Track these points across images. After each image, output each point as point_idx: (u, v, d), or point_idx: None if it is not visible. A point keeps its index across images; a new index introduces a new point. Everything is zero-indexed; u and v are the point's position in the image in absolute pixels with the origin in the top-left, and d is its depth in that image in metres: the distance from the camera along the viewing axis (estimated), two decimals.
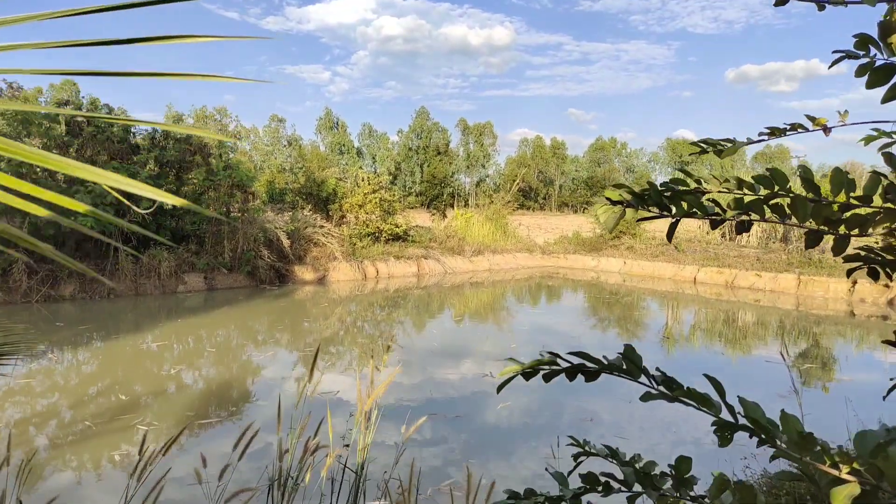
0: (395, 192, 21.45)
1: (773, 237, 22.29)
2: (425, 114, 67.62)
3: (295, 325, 12.31)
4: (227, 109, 21.51)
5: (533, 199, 68.44)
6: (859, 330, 12.97)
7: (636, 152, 78.15)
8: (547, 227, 36.16)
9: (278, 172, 22.22)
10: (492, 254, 21.99)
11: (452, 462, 5.69)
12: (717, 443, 1.20)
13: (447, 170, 61.74)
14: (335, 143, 63.23)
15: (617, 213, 2.06)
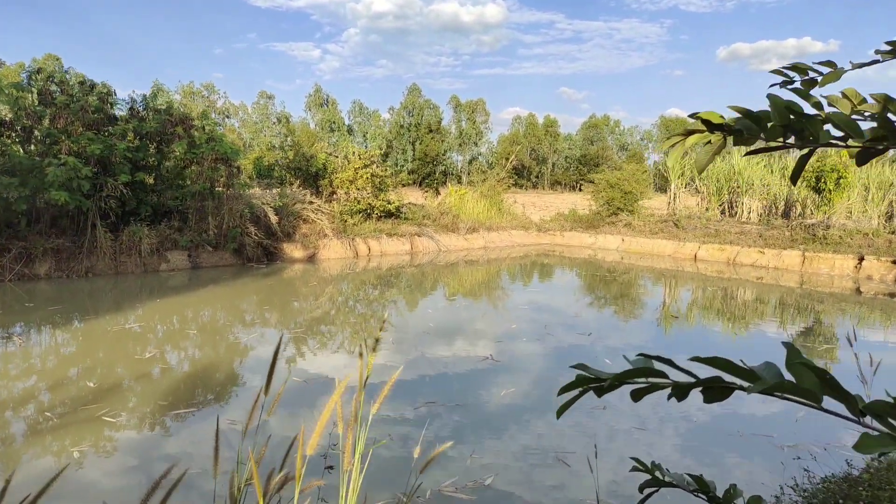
0: (387, 168, 20.76)
1: (773, 213, 21.85)
2: (417, 91, 66.59)
3: (284, 305, 11.73)
4: (214, 85, 20.56)
5: (526, 177, 67.78)
6: (868, 308, 12.54)
7: (630, 130, 77.54)
8: (541, 204, 35.61)
9: (268, 150, 21.48)
10: (487, 231, 21.41)
11: (455, 460, 5.16)
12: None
13: (439, 147, 60.90)
14: (325, 121, 62.17)
15: (717, 143, 1.49)
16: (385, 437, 5.42)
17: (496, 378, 7.18)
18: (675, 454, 5.24)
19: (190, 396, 6.49)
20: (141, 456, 5.08)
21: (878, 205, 19.30)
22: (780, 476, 4.51)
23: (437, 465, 4.97)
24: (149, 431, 5.59)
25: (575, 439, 5.48)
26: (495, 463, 4.98)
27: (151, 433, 5.57)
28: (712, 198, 23.27)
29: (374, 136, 59.44)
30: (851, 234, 16.89)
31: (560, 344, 8.90)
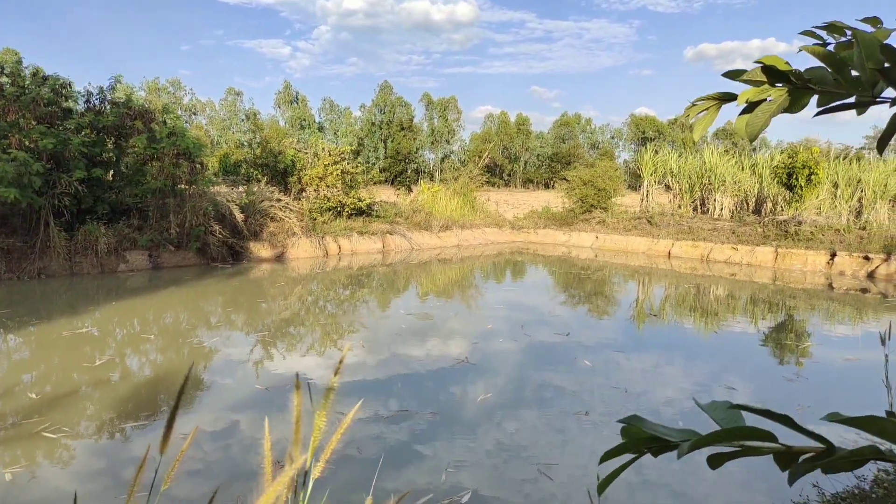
0: (358, 165, 20.27)
1: (745, 209, 21.96)
2: (388, 88, 66.00)
3: (251, 306, 11.23)
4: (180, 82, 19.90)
5: (498, 175, 67.70)
6: (839, 304, 12.54)
7: (601, 128, 78.03)
8: (514, 202, 35.46)
9: (236, 147, 20.83)
10: (460, 229, 21.09)
11: (429, 472, 4.81)
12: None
13: (411, 145, 60.46)
14: (295, 118, 61.25)
15: (779, 100, 1.15)
16: (353, 450, 5.05)
17: (472, 382, 6.84)
18: (674, 466, 4.96)
19: (145, 407, 6.03)
20: (82, 477, 4.62)
21: (847, 201, 19.49)
22: (789, 491, 4.25)
23: (410, 479, 4.62)
24: (93, 448, 5.13)
25: (557, 449, 5.17)
26: (472, 477, 4.65)
27: (95, 450, 5.10)
28: (684, 195, 23.29)
29: (346, 134, 58.74)
30: (823, 231, 16.98)
31: (537, 344, 8.61)
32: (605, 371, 7.31)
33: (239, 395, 6.41)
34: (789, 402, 6.32)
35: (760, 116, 1.16)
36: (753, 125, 1.17)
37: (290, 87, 63.16)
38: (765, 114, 1.15)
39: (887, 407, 3.44)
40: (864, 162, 22.10)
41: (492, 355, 7.96)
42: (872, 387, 6.93)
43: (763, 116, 1.15)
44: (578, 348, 8.38)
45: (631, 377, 7.11)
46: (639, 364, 7.74)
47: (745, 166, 22.78)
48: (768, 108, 1.14)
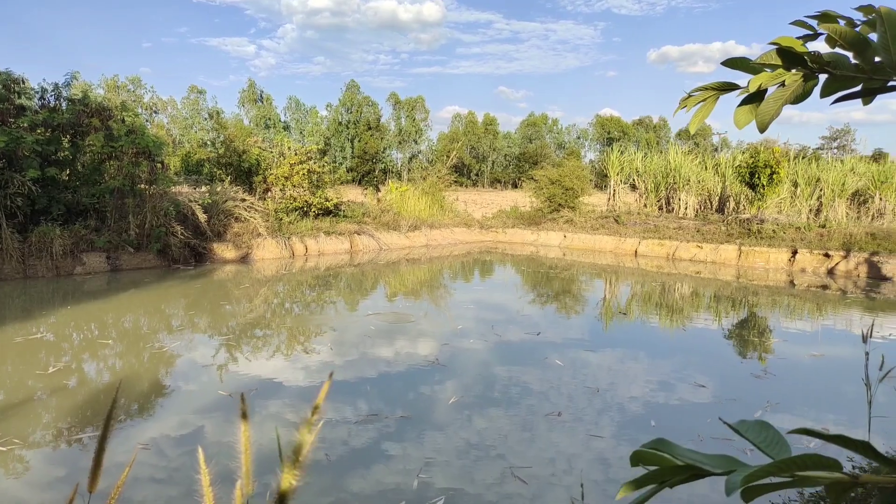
0: (324, 164, 19.97)
1: (709, 208, 22.33)
2: (355, 87, 65.54)
3: (214, 309, 10.93)
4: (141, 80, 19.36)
5: (466, 175, 67.76)
6: (801, 300, 12.79)
7: (568, 129, 78.73)
8: (482, 202, 35.50)
9: (199, 147, 20.34)
10: (429, 229, 20.96)
11: (400, 475, 4.68)
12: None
13: (379, 145, 60.11)
14: (260, 117, 60.38)
15: (793, 85, 1.07)
16: (322, 454, 4.89)
17: (443, 384, 6.73)
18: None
19: (103, 414, 5.76)
20: (41, 486, 4.37)
21: (807, 199, 19.95)
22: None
23: (381, 483, 4.49)
24: (50, 458, 4.87)
25: (530, 451, 5.09)
26: (445, 481, 4.54)
27: (53, 459, 4.85)
28: (650, 194, 23.58)
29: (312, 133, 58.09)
30: (784, 229, 17.34)
31: (508, 343, 8.54)
32: (575, 370, 7.28)
33: (202, 400, 6.18)
34: (758, 399, 6.36)
35: (773, 104, 1.07)
36: (765, 114, 1.08)
37: (255, 86, 62.26)
38: (777, 101, 1.06)
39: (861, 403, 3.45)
40: (823, 162, 22.69)
41: (462, 356, 7.86)
42: (839, 383, 7.05)
43: (776, 104, 1.06)
44: (549, 347, 8.34)
45: (601, 376, 7.09)
46: (609, 362, 7.73)
47: (708, 166, 23.18)
48: (781, 94, 1.05)
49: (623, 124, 75.97)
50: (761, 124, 1.12)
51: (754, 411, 5.97)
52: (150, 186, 14.16)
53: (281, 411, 5.83)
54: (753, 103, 1.30)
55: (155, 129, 46.36)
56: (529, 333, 9.09)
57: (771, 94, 1.08)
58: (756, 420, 0.70)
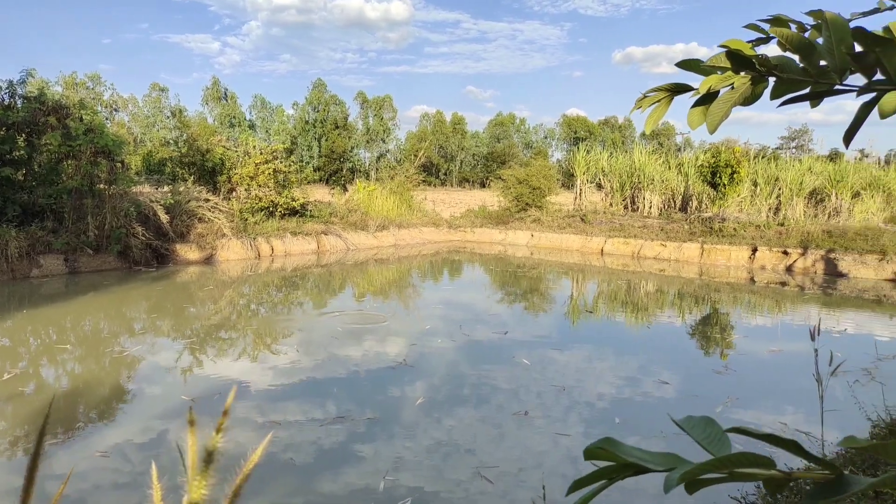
0: (291, 164, 19.74)
1: (672, 207, 22.75)
2: (322, 86, 65.00)
3: (178, 311, 10.72)
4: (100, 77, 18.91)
5: (434, 174, 67.78)
6: (760, 296, 13.12)
7: (535, 128, 79.32)
8: (450, 201, 35.57)
9: (161, 146, 19.91)
10: (397, 228, 20.90)
11: (367, 476, 4.66)
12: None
13: (346, 144, 59.72)
14: (225, 115, 59.43)
15: (742, 88, 1.10)
16: (288, 456, 4.84)
17: (411, 384, 6.72)
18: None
19: (61, 421, 5.60)
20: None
21: (766, 198, 20.47)
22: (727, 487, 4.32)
23: (348, 485, 4.47)
24: (4, 467, 4.71)
25: (497, 450, 5.12)
26: (412, 481, 4.53)
27: (8, 469, 4.69)
28: (616, 193, 23.92)
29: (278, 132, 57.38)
30: (745, 227, 17.76)
31: (476, 343, 8.57)
32: (542, 369, 7.34)
33: (166, 404, 6.06)
34: (719, 394, 6.51)
35: (722, 106, 1.09)
36: (714, 115, 1.10)
37: (219, 84, 61.27)
38: (726, 103, 1.08)
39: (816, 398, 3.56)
40: (781, 161, 23.32)
41: (430, 356, 7.86)
42: (797, 377, 7.25)
43: (724, 106, 1.08)
44: (516, 346, 8.39)
45: (567, 374, 7.17)
46: (575, 361, 7.82)
47: (671, 166, 23.62)
48: (730, 97, 1.07)
49: (589, 124, 76.92)
50: (711, 125, 1.15)
51: (715, 407, 6.11)
52: (110, 186, 13.82)
53: (248, 414, 5.75)
54: (706, 105, 1.33)
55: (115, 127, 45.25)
56: (497, 333, 9.14)
57: (721, 97, 1.10)
58: (701, 417, 0.71)
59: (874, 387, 6.40)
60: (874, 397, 5.65)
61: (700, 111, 1.34)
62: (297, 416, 5.72)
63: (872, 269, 14.88)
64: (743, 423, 5.72)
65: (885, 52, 0.93)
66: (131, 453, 4.95)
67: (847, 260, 15.31)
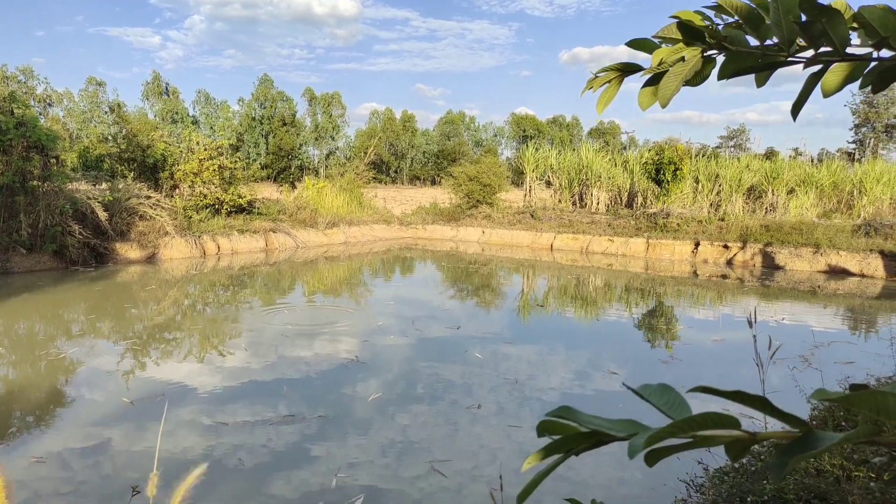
0: (237, 160, 19.25)
1: (619, 203, 23.25)
2: (269, 82, 63.77)
3: (118, 312, 10.31)
4: (33, 70, 18.02)
5: (385, 172, 67.43)
6: (706, 289, 13.56)
7: (485, 126, 79.80)
8: (401, 199, 35.43)
9: (98, 142, 19.06)
10: (347, 226, 20.68)
11: (319, 474, 4.58)
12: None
13: (294, 141, 58.76)
14: (166, 111, 57.59)
15: (692, 60, 1.10)
16: (236, 459, 4.71)
17: (363, 381, 6.65)
18: None
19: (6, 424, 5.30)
20: None
21: (707, 195, 21.15)
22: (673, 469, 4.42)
23: (300, 485, 4.37)
24: None
25: (450, 444, 5.11)
26: (365, 478, 4.47)
27: None
28: (564, 190, 24.28)
29: (223, 129, 55.92)
30: (688, 222, 18.31)
31: (428, 338, 8.55)
32: (495, 363, 7.37)
33: (107, 409, 5.81)
34: (667, 383, 6.66)
35: (673, 80, 1.08)
36: (666, 89, 1.09)
37: (161, 79, 59.30)
38: (677, 77, 1.07)
39: (758, 386, 3.68)
40: (721, 159, 24.12)
41: (382, 352, 7.79)
42: (739, 365, 7.50)
43: (675, 80, 1.08)
44: (469, 341, 8.41)
45: (520, 368, 7.22)
46: (527, 354, 7.89)
47: (617, 163, 24.13)
48: (681, 70, 1.07)
49: (538, 123, 77.91)
50: (663, 99, 1.14)
51: None
52: (44, 183, 13.18)
53: (195, 417, 5.56)
54: (656, 85, 1.33)
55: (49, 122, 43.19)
56: (450, 328, 9.14)
57: (671, 70, 1.10)
58: (658, 384, 0.70)
59: (811, 373, 6.68)
60: (813, 382, 5.90)
61: (650, 91, 1.34)
62: (246, 416, 5.58)
63: (807, 262, 15.57)
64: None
65: (831, 22, 0.94)
66: (71, 459, 4.73)
67: (783, 253, 15.96)
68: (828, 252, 15.41)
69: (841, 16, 0.93)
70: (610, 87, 1.38)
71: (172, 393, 6.17)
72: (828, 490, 2.39)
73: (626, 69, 1.34)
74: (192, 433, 5.19)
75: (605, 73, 1.38)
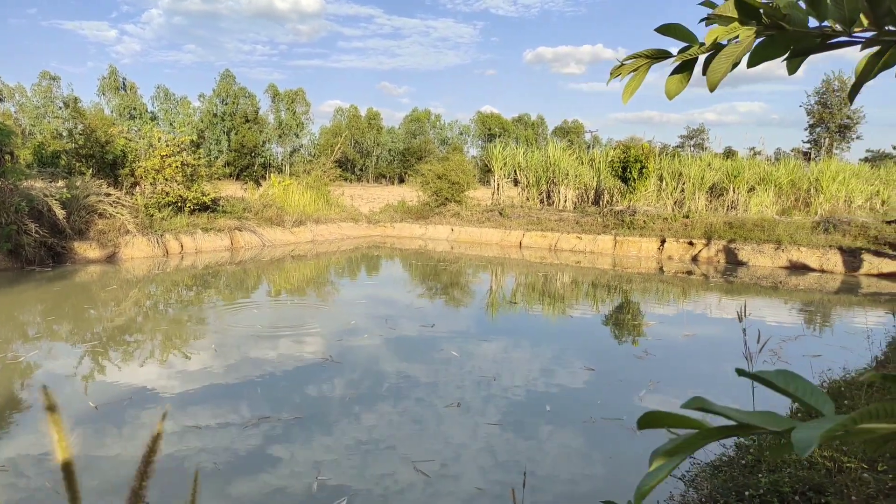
0: (199, 157, 18.78)
1: (586, 201, 23.47)
2: (231, 78, 62.62)
3: (78, 314, 9.94)
4: None
5: (350, 170, 66.89)
6: (673, 286, 13.76)
7: (451, 125, 79.81)
8: (368, 197, 35.19)
9: (53, 138, 18.39)
10: (315, 224, 20.39)
11: (298, 477, 4.45)
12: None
13: (257, 138, 57.83)
14: (123, 107, 56.06)
15: (747, 41, 1.04)
16: (210, 462, 4.55)
17: (339, 381, 6.52)
18: (537, 454, 5.01)
19: None
20: None
21: (671, 192, 21.50)
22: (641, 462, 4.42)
23: (277, 490, 4.24)
24: None
25: (432, 444, 5.03)
26: (346, 481, 4.36)
27: None
28: (532, 188, 24.40)
29: (183, 125, 54.62)
30: (654, 219, 18.57)
31: (403, 337, 8.45)
32: (472, 360, 7.32)
33: (67, 413, 5.55)
34: (642, 379, 6.71)
35: (724, 61, 1.02)
36: (716, 71, 1.02)
37: (117, 73, 57.63)
38: (729, 58, 1.01)
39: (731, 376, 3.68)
40: (683, 158, 24.56)
41: (357, 351, 7.67)
42: (711, 359, 7.61)
43: (727, 62, 1.01)
44: (444, 339, 8.34)
45: (497, 365, 7.18)
46: (504, 351, 7.86)
47: (584, 161, 24.35)
48: (734, 50, 1.00)
49: (503, 121, 78.26)
50: (712, 83, 1.08)
51: (640, 391, 6.29)
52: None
53: (158, 419, 5.36)
54: (685, 72, 1.26)
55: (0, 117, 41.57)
56: (424, 326, 9.05)
57: (724, 51, 1.03)
58: (776, 370, 0.64)
59: (782, 366, 6.79)
60: None
61: (678, 79, 1.28)
62: (217, 419, 5.40)
63: (769, 258, 15.94)
64: (667, 404, 5.91)
65: None
66: (28, 466, 4.50)
67: (746, 249, 16.31)
68: (789, 248, 15.81)
69: None
70: (637, 75, 1.32)
71: (135, 396, 5.94)
72: (822, 482, 2.40)
73: (656, 56, 1.28)
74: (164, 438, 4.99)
75: (634, 61, 1.31)
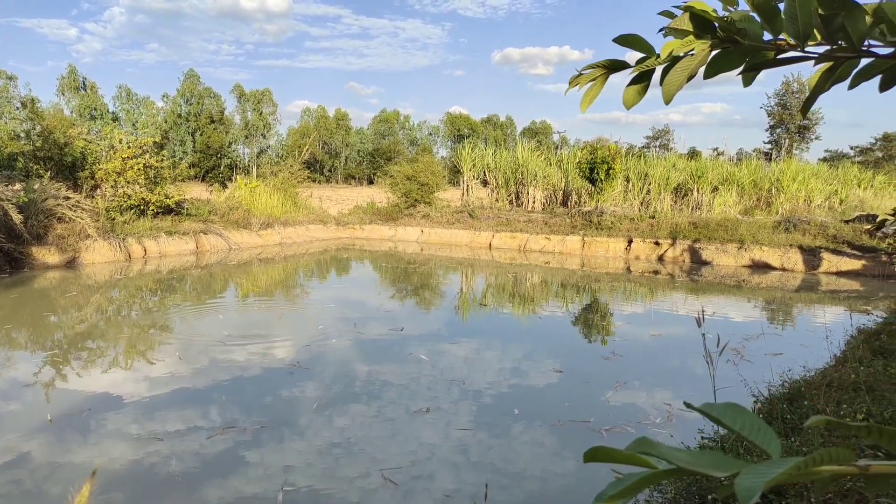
0: (163, 158, 18.39)
1: (554, 202, 23.67)
2: (195, 77, 61.57)
3: (36, 321, 9.64)
4: None
5: (319, 171, 66.32)
6: (640, 285, 13.95)
7: (420, 125, 79.71)
8: (337, 198, 34.94)
9: (9, 139, 17.82)
10: (282, 226, 20.15)
11: (263, 491, 4.38)
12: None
13: (223, 139, 56.95)
14: (84, 107, 54.67)
15: (701, 54, 1.05)
16: (177, 471, 4.45)
17: (306, 387, 6.44)
18: (508, 456, 5.02)
19: None
20: None
21: (638, 193, 21.82)
22: None
23: (244, 498, 4.17)
24: None
25: (400, 451, 5.00)
26: (313, 489, 4.31)
27: None
28: (501, 189, 24.52)
29: (146, 125, 53.48)
30: (621, 220, 18.82)
31: (371, 341, 8.39)
32: (440, 364, 7.30)
33: (26, 423, 5.38)
34: (609, 379, 6.78)
35: (679, 75, 1.02)
36: (671, 84, 1.03)
37: (77, 73, 56.18)
38: (684, 71, 1.01)
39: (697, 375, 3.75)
40: (649, 158, 24.95)
41: (325, 356, 7.59)
42: (677, 359, 7.72)
43: (682, 74, 1.02)
44: (413, 342, 8.31)
45: (466, 367, 7.18)
46: (472, 354, 7.86)
47: (552, 162, 24.56)
48: (688, 64, 1.01)
49: (472, 122, 78.50)
50: (667, 95, 1.08)
51: (607, 392, 6.35)
52: None
53: (122, 427, 5.23)
54: (643, 83, 1.27)
55: None
56: (393, 329, 9.01)
57: (679, 64, 1.04)
58: (725, 403, 0.63)
59: (746, 365, 6.94)
60: (751, 374, 6.12)
61: (636, 90, 1.29)
62: (183, 426, 5.28)
63: (732, 257, 16.28)
64: (632, 405, 5.98)
65: (850, 17, 0.90)
66: None
67: (710, 249, 16.63)
68: (751, 247, 16.17)
69: (862, 11, 0.89)
70: (595, 85, 1.32)
71: (97, 404, 5.79)
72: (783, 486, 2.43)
73: (613, 66, 1.28)
74: (119, 444, 4.86)
75: (591, 71, 1.32)
